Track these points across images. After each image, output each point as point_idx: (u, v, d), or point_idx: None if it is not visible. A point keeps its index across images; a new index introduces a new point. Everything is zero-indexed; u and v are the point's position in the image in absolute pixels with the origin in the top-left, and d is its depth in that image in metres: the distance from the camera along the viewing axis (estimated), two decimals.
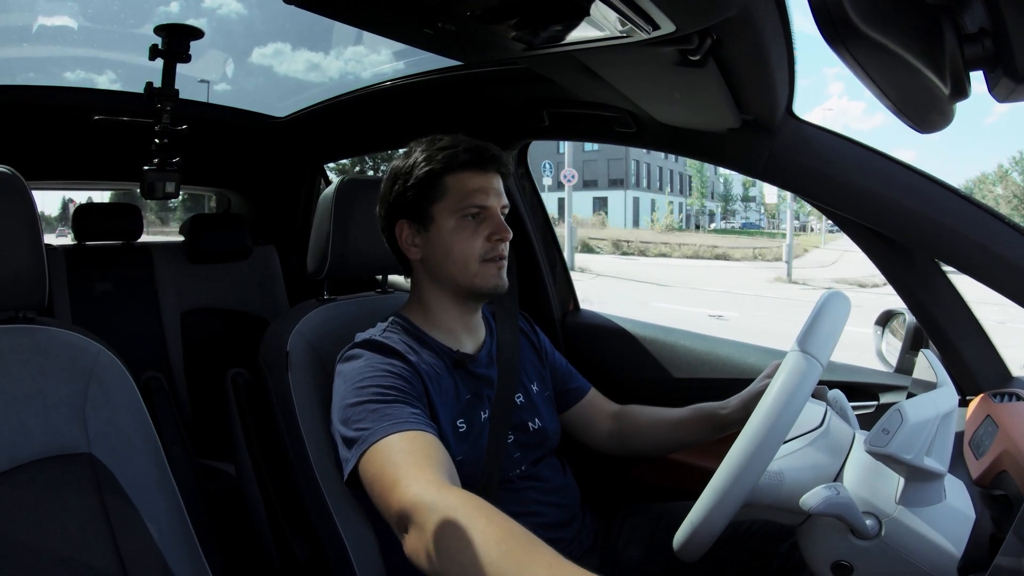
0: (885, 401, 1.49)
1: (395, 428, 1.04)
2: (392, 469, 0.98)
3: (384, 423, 1.05)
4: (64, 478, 1.06)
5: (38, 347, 1.10)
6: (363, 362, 1.18)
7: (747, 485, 0.86)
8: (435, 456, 1.00)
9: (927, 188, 1.23)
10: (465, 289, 1.27)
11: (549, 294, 2.06)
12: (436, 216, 1.25)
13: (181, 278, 2.75)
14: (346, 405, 1.13)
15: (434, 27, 1.00)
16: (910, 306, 1.38)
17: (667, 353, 1.85)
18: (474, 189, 1.24)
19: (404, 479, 0.94)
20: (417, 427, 1.05)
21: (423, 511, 0.87)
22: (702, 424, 1.34)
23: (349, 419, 1.11)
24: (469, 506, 0.84)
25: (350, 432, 1.09)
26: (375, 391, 1.11)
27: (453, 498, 0.86)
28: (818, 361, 0.88)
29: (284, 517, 1.36)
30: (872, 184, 1.25)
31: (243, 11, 2.64)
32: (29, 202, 1.06)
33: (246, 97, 2.56)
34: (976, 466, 1.05)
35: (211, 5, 2.35)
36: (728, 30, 0.89)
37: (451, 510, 0.83)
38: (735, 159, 1.41)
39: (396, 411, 1.08)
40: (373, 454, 1.03)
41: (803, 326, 0.93)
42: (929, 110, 0.83)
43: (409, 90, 1.90)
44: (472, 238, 1.24)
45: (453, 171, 1.24)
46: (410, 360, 1.19)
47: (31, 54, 2.22)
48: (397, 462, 0.98)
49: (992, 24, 0.56)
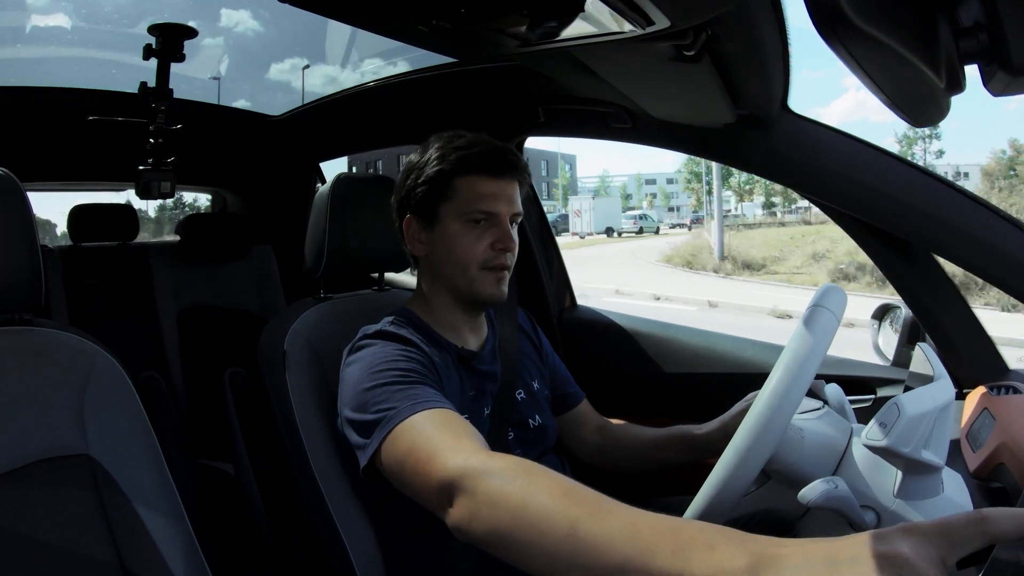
0: (882, 395, 1.50)
1: (423, 406, 1.00)
2: (427, 444, 0.93)
3: (409, 402, 1.01)
4: (62, 479, 1.06)
5: (35, 348, 1.10)
6: (377, 348, 1.15)
7: (778, 428, 0.84)
8: (471, 430, 0.96)
9: (922, 182, 1.23)
10: (463, 294, 1.26)
11: (546, 291, 2.07)
12: (442, 216, 1.23)
13: (178, 278, 2.75)
14: (362, 390, 1.08)
15: (429, 24, 0.99)
16: (906, 300, 1.38)
17: (664, 348, 1.85)
18: (483, 194, 1.22)
19: (445, 451, 0.89)
20: (445, 405, 1.01)
21: (472, 477, 0.82)
22: (678, 445, 1.33)
23: (367, 403, 1.06)
24: (524, 465, 0.81)
25: (369, 416, 1.05)
26: (395, 374, 1.08)
27: (504, 461, 0.83)
28: (834, 314, 0.87)
29: (283, 516, 1.36)
30: (868, 178, 1.25)
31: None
32: (24, 203, 1.05)
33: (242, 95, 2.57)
34: (974, 459, 1.06)
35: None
36: (723, 25, 0.89)
37: (506, 470, 0.80)
38: (731, 154, 1.41)
39: (420, 391, 1.04)
40: (400, 433, 0.99)
41: (797, 327, 0.93)
42: (924, 104, 0.83)
43: (404, 88, 1.90)
44: (475, 243, 1.22)
45: (464, 173, 1.22)
46: (424, 349, 1.17)
47: (25, 55, 2.21)
48: (431, 436, 0.94)
49: (987, 18, 0.56)
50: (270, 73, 2.74)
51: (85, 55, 2.28)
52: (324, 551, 1.26)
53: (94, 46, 2.25)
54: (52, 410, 1.08)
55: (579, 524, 0.70)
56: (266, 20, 2.52)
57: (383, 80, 1.97)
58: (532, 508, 0.74)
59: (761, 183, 40.36)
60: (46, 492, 1.04)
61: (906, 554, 0.51)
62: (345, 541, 1.23)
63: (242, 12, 2.55)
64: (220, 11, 2.35)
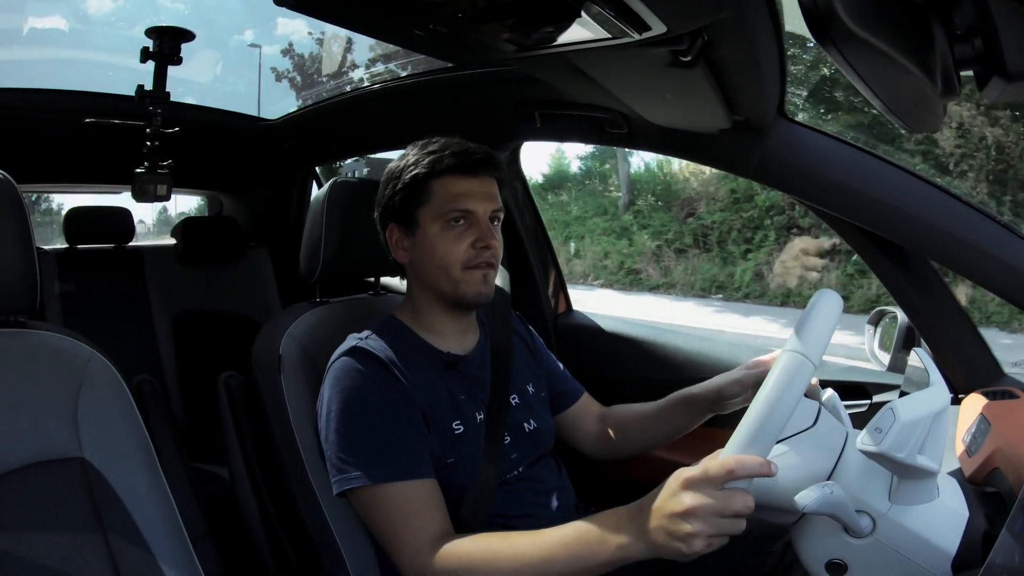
0: (878, 400, 1.50)
1: (383, 478, 1.10)
2: (385, 526, 1.10)
3: (373, 468, 1.11)
4: (56, 483, 1.05)
5: (29, 351, 1.09)
6: (350, 377, 1.18)
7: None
8: (426, 505, 1.10)
9: (919, 188, 1.24)
10: (449, 296, 1.26)
11: (541, 295, 2.06)
12: (421, 221, 1.24)
13: (173, 281, 2.74)
14: (333, 429, 1.15)
15: (425, 29, 0.99)
16: (902, 305, 1.39)
17: (659, 353, 1.85)
18: (458, 193, 1.22)
19: (398, 542, 1.09)
20: (400, 476, 1.11)
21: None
22: (680, 409, 1.35)
23: (336, 444, 1.15)
24: (459, 556, 1.03)
25: (336, 460, 1.14)
26: (363, 421, 1.15)
27: (445, 559, 1.03)
28: (810, 360, 0.87)
29: (278, 521, 1.36)
30: (864, 184, 1.25)
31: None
32: (20, 206, 1.05)
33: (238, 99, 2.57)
34: (969, 464, 1.06)
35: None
36: (719, 31, 0.89)
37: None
38: (726, 160, 1.41)
39: (383, 454, 1.12)
40: (362, 497, 1.12)
41: (795, 326, 0.93)
42: (919, 109, 0.84)
43: (400, 92, 1.90)
44: (455, 243, 1.22)
45: (438, 175, 1.22)
46: (394, 372, 1.18)
47: (21, 56, 2.21)
48: (388, 519, 1.10)
49: (982, 23, 0.56)
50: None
51: (82, 57, 2.28)
52: (319, 555, 1.25)
53: (91, 48, 2.25)
54: (46, 413, 1.07)
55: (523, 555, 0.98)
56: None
57: (379, 84, 1.97)
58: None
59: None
60: (40, 495, 1.03)
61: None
62: (340, 545, 1.22)
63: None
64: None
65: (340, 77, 7.62)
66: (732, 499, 0.80)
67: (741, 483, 0.82)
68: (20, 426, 1.05)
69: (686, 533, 0.81)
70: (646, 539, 0.86)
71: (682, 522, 0.82)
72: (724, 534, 0.82)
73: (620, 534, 0.89)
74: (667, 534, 0.84)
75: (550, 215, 15.02)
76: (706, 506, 0.80)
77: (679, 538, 0.82)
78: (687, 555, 0.83)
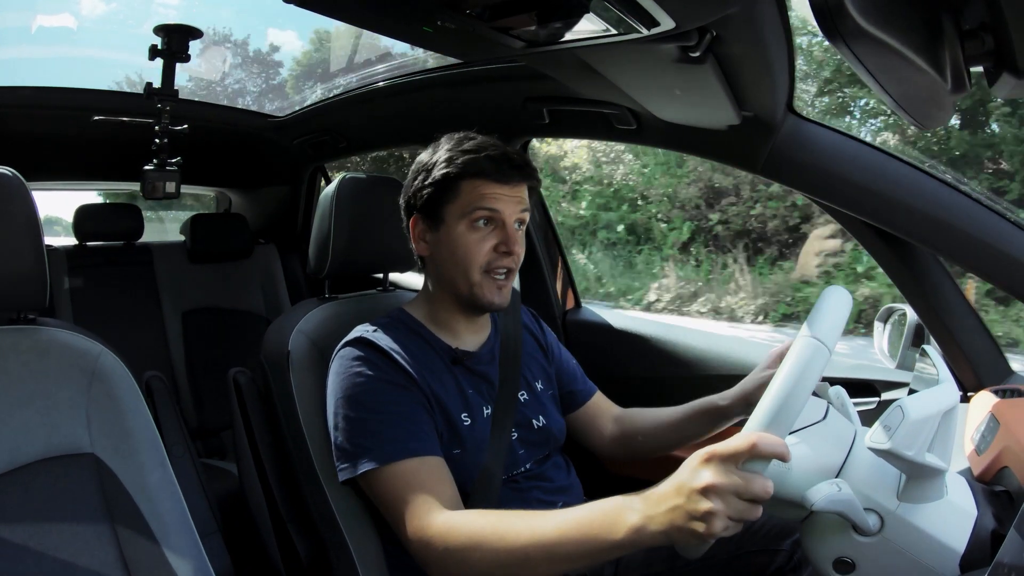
0: (886, 397, 1.49)
1: (391, 456, 1.10)
2: (396, 504, 1.09)
3: (380, 449, 1.11)
4: (67, 478, 1.06)
5: (40, 348, 1.10)
6: (354, 365, 1.18)
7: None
8: (435, 481, 1.10)
9: (929, 184, 1.23)
10: (464, 297, 1.25)
11: (550, 291, 2.06)
12: (446, 217, 1.22)
13: (182, 278, 2.75)
14: (342, 416, 1.16)
15: (434, 25, 0.99)
16: (912, 302, 1.38)
17: (667, 350, 1.85)
18: (486, 193, 1.20)
19: (408, 516, 1.07)
20: (408, 454, 1.11)
21: (432, 549, 1.03)
22: (702, 418, 1.33)
23: (345, 429, 1.15)
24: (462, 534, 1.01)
25: (347, 446, 1.14)
26: (368, 405, 1.15)
27: (453, 532, 1.02)
28: (825, 346, 0.87)
29: (287, 517, 1.36)
30: (873, 181, 1.24)
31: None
32: (30, 203, 1.06)
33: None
34: (978, 462, 1.05)
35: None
36: (728, 27, 0.89)
37: (453, 542, 1.01)
38: (736, 156, 1.41)
39: (391, 431, 1.12)
40: (373, 477, 1.11)
41: (807, 318, 0.92)
42: (930, 105, 0.83)
43: (409, 88, 1.90)
44: (478, 245, 1.21)
45: (471, 177, 1.20)
46: (398, 360, 1.19)
47: (31, 55, 2.22)
48: (399, 496, 1.09)
49: (992, 20, 0.56)
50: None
51: (91, 55, 2.29)
52: (327, 551, 1.26)
53: (100, 46, 2.26)
54: (56, 409, 1.08)
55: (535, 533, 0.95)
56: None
57: (388, 81, 1.97)
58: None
59: None
60: (50, 490, 1.04)
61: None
62: (348, 542, 1.23)
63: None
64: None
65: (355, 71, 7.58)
66: (752, 480, 0.78)
67: (758, 466, 0.81)
68: (31, 422, 1.06)
69: (705, 511, 0.79)
70: (662, 519, 0.83)
71: (702, 499, 0.79)
72: (741, 519, 0.79)
73: (635, 515, 0.86)
74: (685, 513, 0.81)
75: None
76: (727, 484, 0.78)
77: (697, 517, 0.79)
78: (703, 538, 0.80)
